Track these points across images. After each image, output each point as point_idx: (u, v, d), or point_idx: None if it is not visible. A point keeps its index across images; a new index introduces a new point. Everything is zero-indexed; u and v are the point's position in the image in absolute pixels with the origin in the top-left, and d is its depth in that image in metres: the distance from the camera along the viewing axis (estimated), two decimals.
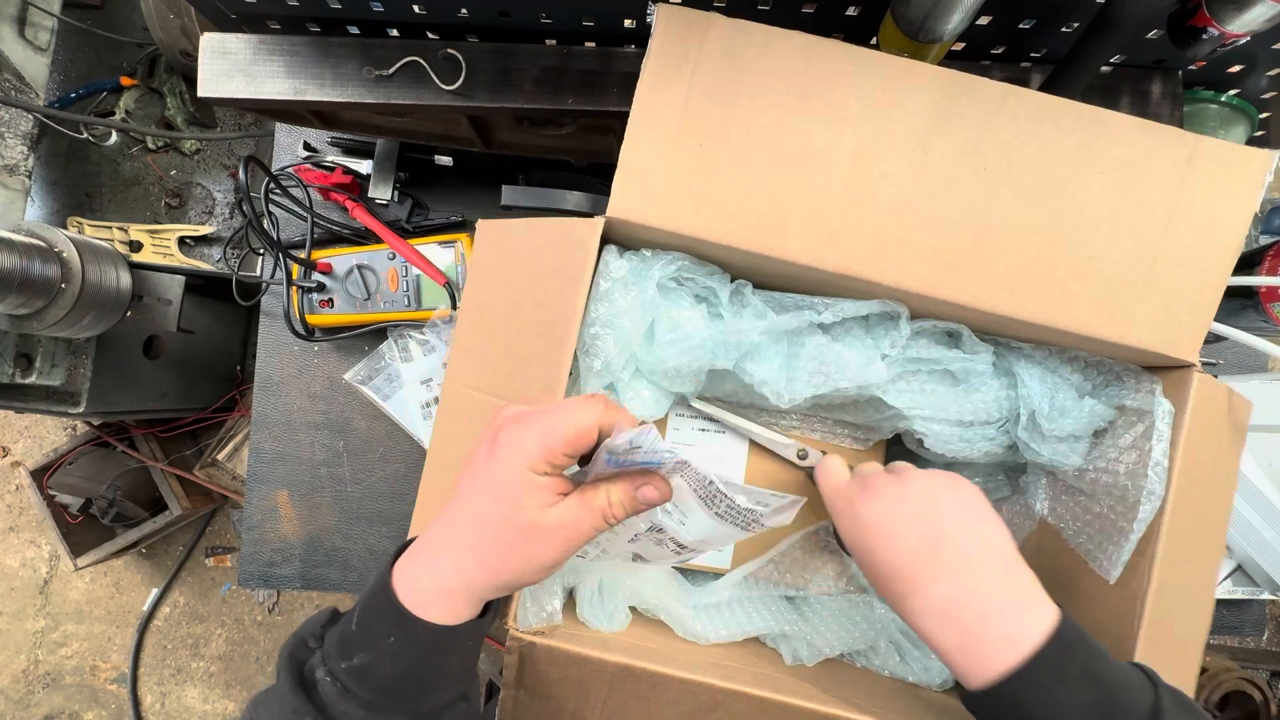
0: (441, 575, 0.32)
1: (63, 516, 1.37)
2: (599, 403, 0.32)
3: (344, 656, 0.32)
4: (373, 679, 0.31)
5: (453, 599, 0.32)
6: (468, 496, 0.32)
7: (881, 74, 0.39)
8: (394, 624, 0.31)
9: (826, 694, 0.41)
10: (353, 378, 0.74)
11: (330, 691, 0.31)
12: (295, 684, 0.32)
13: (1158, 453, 0.40)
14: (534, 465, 0.31)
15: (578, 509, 0.32)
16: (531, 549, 0.31)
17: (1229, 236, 0.40)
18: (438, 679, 0.33)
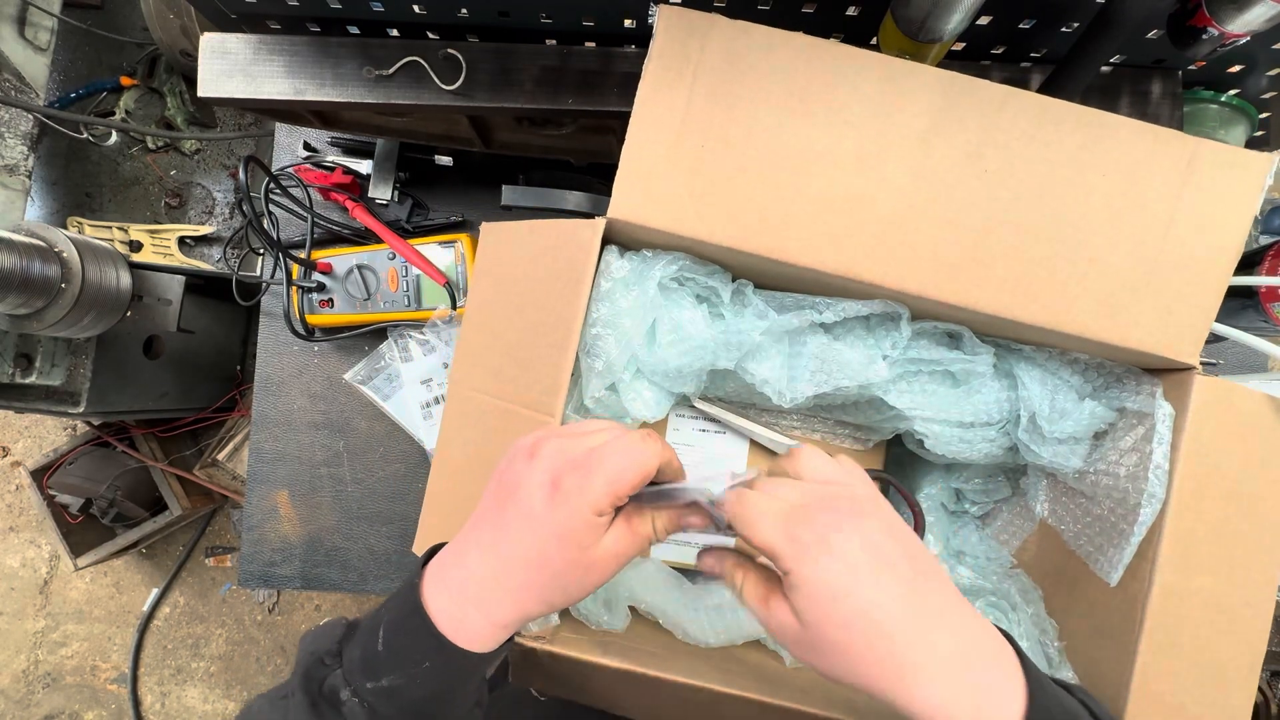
0: (496, 612, 0.32)
1: (63, 516, 1.37)
2: (657, 443, 0.32)
3: (370, 677, 0.31)
4: (402, 701, 0.31)
5: (505, 631, 0.32)
6: (523, 537, 0.31)
7: (883, 75, 0.39)
8: (432, 651, 0.31)
9: (828, 697, 0.41)
10: (353, 378, 0.74)
11: (357, 712, 0.31)
12: (312, 704, 0.31)
13: (1158, 456, 0.40)
14: (600, 510, 0.31)
15: (627, 537, 0.32)
16: (589, 580, 0.32)
17: (1230, 239, 0.40)
18: (464, 694, 0.33)
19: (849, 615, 0.28)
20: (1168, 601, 0.39)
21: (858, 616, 0.28)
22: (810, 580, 0.28)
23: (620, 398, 0.46)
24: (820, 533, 0.29)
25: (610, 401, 0.46)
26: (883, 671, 0.28)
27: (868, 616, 0.28)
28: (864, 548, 0.29)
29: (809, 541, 0.29)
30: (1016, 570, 0.52)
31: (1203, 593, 0.40)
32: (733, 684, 0.39)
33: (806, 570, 0.28)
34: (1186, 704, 0.39)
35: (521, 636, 0.40)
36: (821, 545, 0.29)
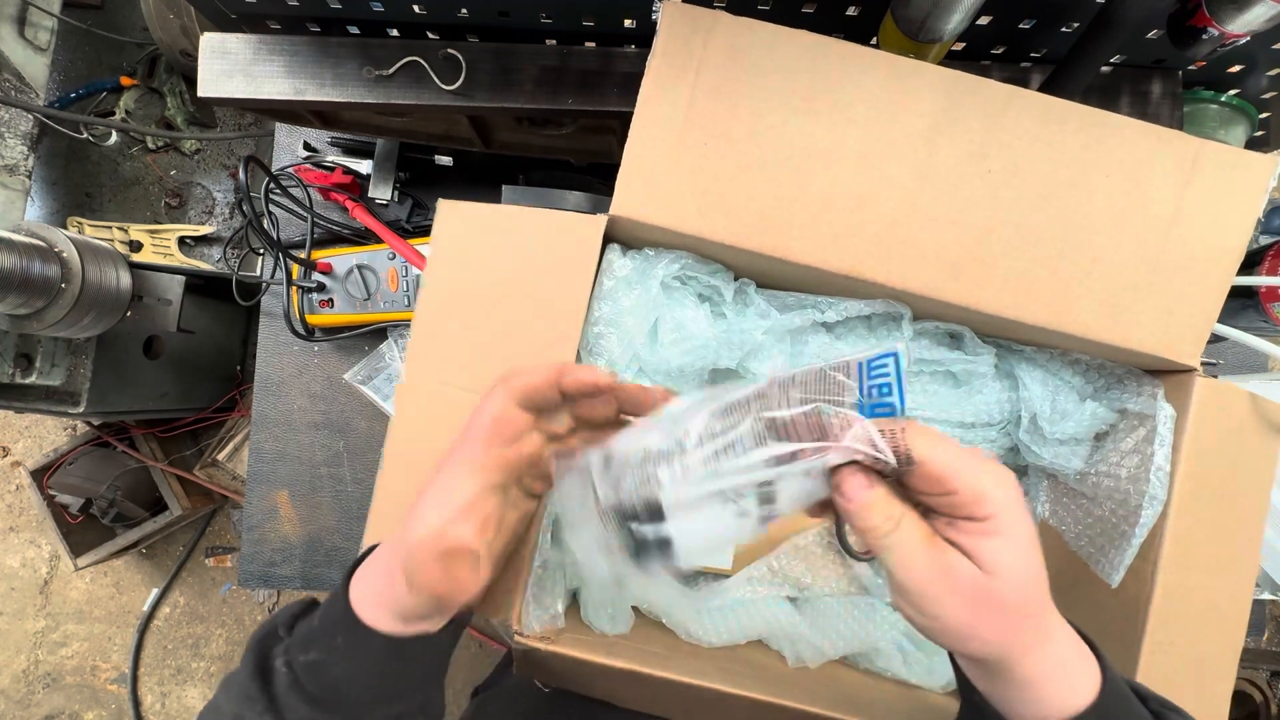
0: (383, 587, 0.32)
1: (63, 516, 1.36)
2: None
3: (303, 650, 0.32)
4: (323, 677, 0.32)
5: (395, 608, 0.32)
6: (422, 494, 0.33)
7: (886, 74, 0.39)
8: (343, 626, 0.32)
9: (830, 697, 0.41)
10: (353, 378, 0.74)
11: (283, 682, 0.32)
12: (255, 670, 0.32)
13: (1160, 457, 0.40)
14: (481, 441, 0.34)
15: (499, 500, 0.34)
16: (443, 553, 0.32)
17: (1232, 241, 0.40)
18: (390, 688, 0.33)
19: (1033, 574, 0.28)
20: (1168, 601, 0.39)
21: (1036, 574, 0.28)
22: (1014, 532, 0.27)
23: None
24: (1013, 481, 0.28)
25: None
26: (1027, 635, 0.28)
27: (1040, 575, 0.28)
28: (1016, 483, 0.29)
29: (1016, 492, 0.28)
30: None
31: (1198, 591, 0.40)
32: (736, 684, 0.39)
33: (1017, 521, 0.27)
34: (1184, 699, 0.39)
35: (524, 637, 0.40)
36: (1019, 494, 0.28)
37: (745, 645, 0.48)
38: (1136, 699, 0.31)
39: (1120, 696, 0.30)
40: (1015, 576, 0.27)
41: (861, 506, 0.28)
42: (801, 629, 0.48)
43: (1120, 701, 0.30)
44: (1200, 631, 0.40)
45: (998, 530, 0.27)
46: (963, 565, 0.27)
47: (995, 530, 0.27)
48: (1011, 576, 0.27)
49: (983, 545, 0.27)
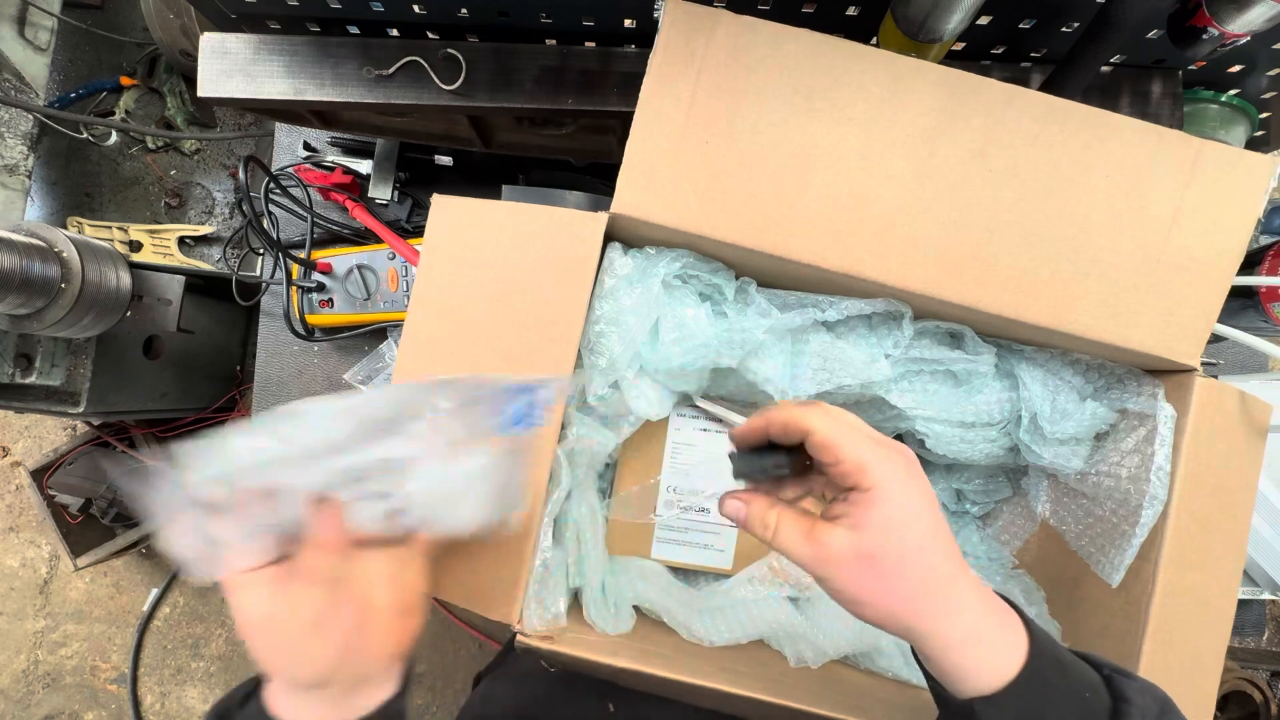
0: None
1: (63, 516, 1.36)
2: None
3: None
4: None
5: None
6: None
7: (888, 74, 0.39)
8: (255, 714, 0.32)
9: (831, 697, 0.41)
10: (353, 378, 0.74)
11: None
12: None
13: (1160, 457, 0.40)
14: None
15: None
16: None
17: (1232, 242, 0.40)
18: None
19: (918, 541, 0.29)
20: (1168, 600, 0.40)
21: (924, 543, 0.30)
22: (894, 498, 0.29)
23: (623, 395, 0.46)
24: (904, 458, 0.31)
25: (613, 399, 0.46)
26: (930, 601, 0.30)
27: (931, 545, 0.30)
28: (928, 485, 0.31)
29: (898, 463, 0.30)
30: (1019, 571, 0.52)
31: (1193, 589, 0.40)
32: (738, 684, 0.39)
33: (894, 489, 0.29)
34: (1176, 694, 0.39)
35: (525, 636, 0.40)
36: (908, 469, 0.30)
37: (747, 645, 0.48)
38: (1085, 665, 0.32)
39: (1054, 664, 0.30)
40: (897, 544, 0.29)
41: (743, 522, 0.33)
42: (803, 628, 0.48)
43: (1054, 669, 0.30)
44: (1196, 629, 0.40)
45: (878, 500, 0.29)
46: (840, 541, 0.30)
47: (876, 500, 0.29)
48: (892, 544, 0.29)
49: (865, 516, 0.29)
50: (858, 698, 0.42)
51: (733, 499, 0.34)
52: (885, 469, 0.30)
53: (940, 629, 0.30)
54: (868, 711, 0.39)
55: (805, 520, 0.32)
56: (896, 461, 0.30)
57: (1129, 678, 0.32)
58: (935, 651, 0.30)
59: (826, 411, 0.31)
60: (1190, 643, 0.40)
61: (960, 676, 0.30)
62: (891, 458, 0.30)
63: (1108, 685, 0.31)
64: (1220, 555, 0.41)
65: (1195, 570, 0.40)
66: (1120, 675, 0.32)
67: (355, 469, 0.31)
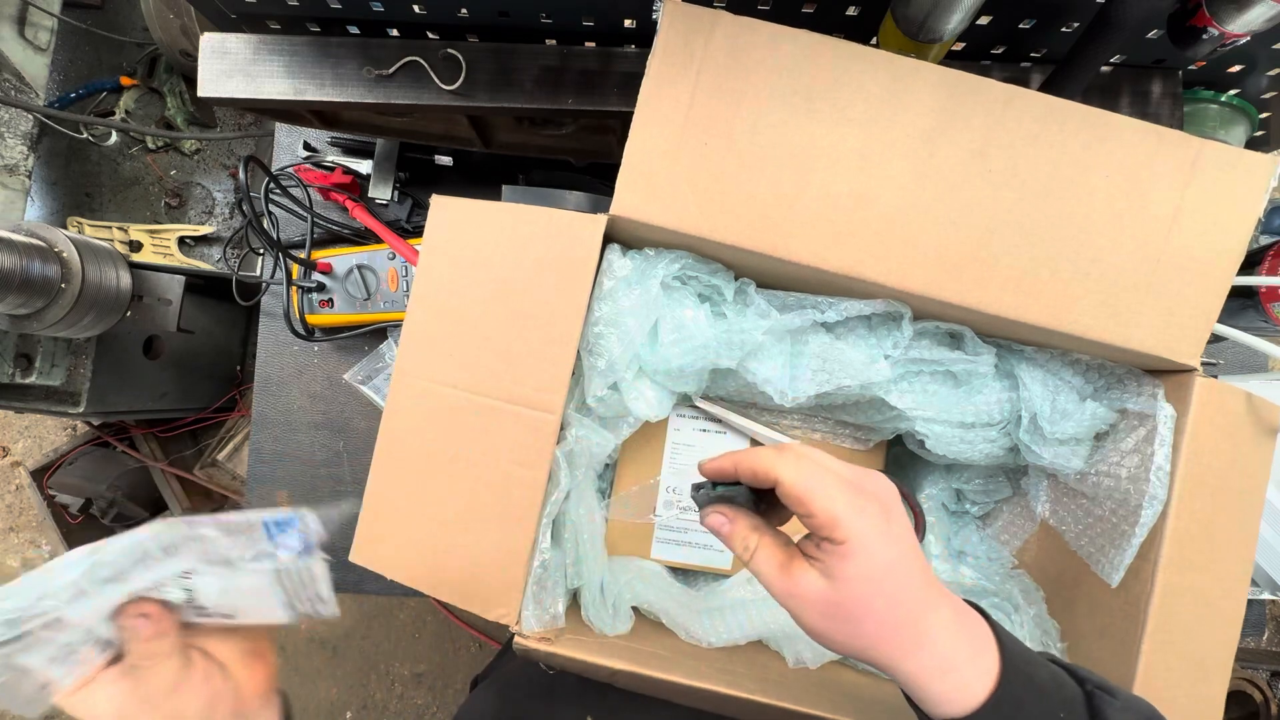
0: None
1: (63, 516, 1.36)
2: None
3: None
4: None
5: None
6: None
7: (887, 74, 0.39)
8: None
9: (829, 698, 0.41)
10: (353, 378, 0.74)
11: None
12: None
13: (1160, 457, 0.40)
14: None
15: None
16: None
17: (1232, 242, 0.40)
18: None
19: (891, 592, 0.30)
20: (1167, 600, 0.40)
21: (896, 593, 0.30)
22: (866, 553, 0.29)
23: (622, 396, 0.46)
24: (880, 506, 0.31)
25: (612, 400, 0.46)
26: (898, 642, 0.30)
27: (903, 594, 0.30)
28: (905, 527, 0.31)
29: (874, 515, 0.30)
30: (1018, 571, 0.52)
31: (1195, 590, 0.40)
32: (736, 685, 0.39)
33: (867, 544, 0.29)
34: (1178, 697, 0.39)
35: (524, 637, 0.40)
36: (885, 520, 0.30)
37: (745, 646, 0.48)
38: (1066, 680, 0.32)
39: (1027, 685, 0.31)
40: (864, 596, 0.30)
41: (725, 538, 0.34)
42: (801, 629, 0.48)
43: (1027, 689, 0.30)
44: (1198, 630, 0.40)
45: (850, 554, 0.29)
46: (812, 585, 0.30)
47: (848, 554, 0.29)
48: (860, 597, 0.30)
49: (838, 568, 0.30)
50: (856, 699, 0.42)
51: (717, 513, 0.34)
52: (860, 524, 0.29)
53: (909, 665, 0.30)
54: (866, 713, 0.39)
55: (783, 552, 0.32)
56: (872, 513, 0.30)
57: (1112, 695, 0.32)
58: (906, 682, 0.31)
59: (798, 458, 0.31)
60: (1192, 644, 0.40)
61: (934, 703, 0.30)
62: (867, 509, 0.30)
63: (1088, 702, 0.31)
64: (1224, 556, 0.41)
65: (1196, 571, 0.40)
66: (1103, 692, 0.32)
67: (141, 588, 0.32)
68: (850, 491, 0.30)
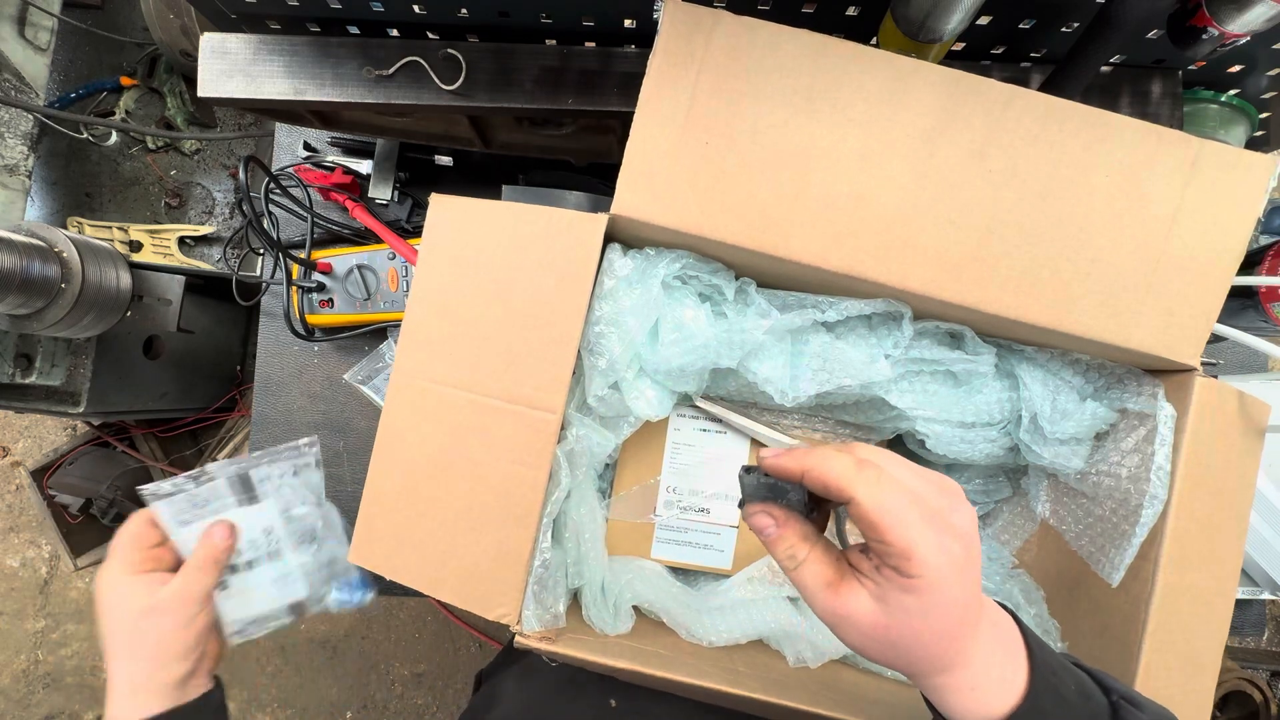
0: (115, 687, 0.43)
1: (63, 516, 1.36)
2: None
3: None
4: None
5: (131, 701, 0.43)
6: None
7: (888, 74, 0.39)
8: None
9: (830, 697, 0.41)
10: (353, 378, 0.74)
11: None
12: None
13: (1160, 456, 0.40)
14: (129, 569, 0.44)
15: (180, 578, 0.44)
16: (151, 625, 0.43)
17: (1231, 241, 0.40)
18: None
19: (948, 625, 0.28)
20: (1167, 600, 0.40)
21: (954, 625, 0.28)
22: (936, 593, 0.27)
23: (623, 396, 0.46)
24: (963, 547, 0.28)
25: (613, 400, 0.46)
26: (936, 664, 0.29)
27: (960, 625, 0.28)
28: (978, 563, 0.29)
29: (955, 556, 0.27)
30: (1018, 571, 0.52)
31: (1193, 589, 0.40)
32: (737, 684, 0.39)
33: (941, 585, 0.27)
34: (1175, 695, 0.39)
35: (524, 636, 0.40)
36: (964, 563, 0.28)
37: (746, 645, 0.48)
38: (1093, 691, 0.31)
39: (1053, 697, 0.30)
40: (918, 630, 0.28)
41: (769, 543, 0.31)
42: (802, 629, 0.48)
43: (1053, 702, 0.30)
44: (1196, 629, 0.40)
45: (917, 591, 0.27)
46: (862, 606, 0.28)
47: (915, 590, 0.27)
48: (913, 629, 0.28)
49: (895, 597, 0.28)
50: (857, 698, 0.42)
51: (765, 514, 0.32)
52: (938, 563, 0.27)
53: (938, 681, 0.29)
54: (867, 711, 0.39)
55: (833, 569, 0.30)
56: (954, 554, 0.27)
57: (1137, 706, 0.31)
58: (932, 694, 0.30)
59: (879, 478, 0.28)
60: (1190, 643, 0.40)
61: (960, 715, 0.30)
62: (949, 550, 0.27)
63: (1113, 714, 0.31)
64: (1220, 555, 0.41)
65: (1195, 570, 0.40)
66: (1128, 704, 0.31)
67: None
68: (934, 527, 0.27)
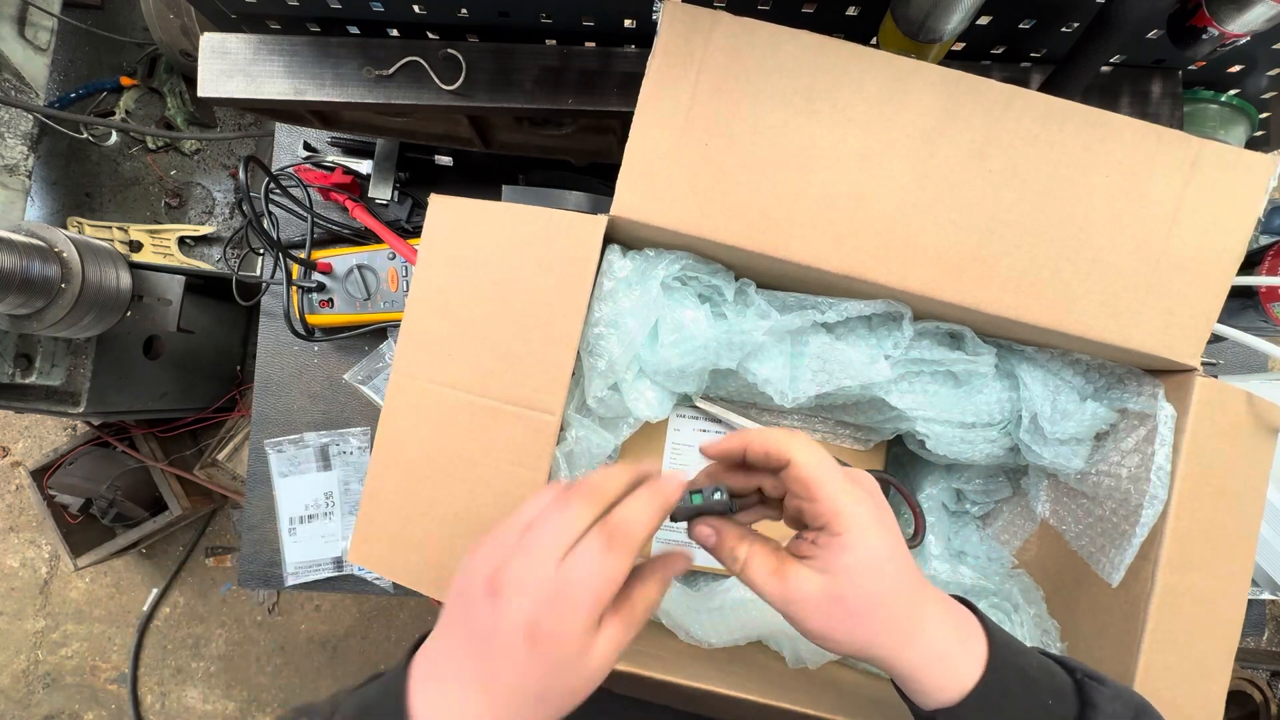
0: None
1: (63, 516, 1.36)
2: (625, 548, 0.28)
3: None
4: None
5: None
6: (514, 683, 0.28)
7: (887, 74, 0.39)
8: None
9: (829, 698, 0.41)
10: (353, 378, 0.74)
11: None
12: None
13: (1160, 457, 0.40)
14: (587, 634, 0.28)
15: (620, 631, 0.30)
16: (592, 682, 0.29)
17: (1231, 241, 0.40)
18: None
19: (886, 584, 0.30)
20: (1166, 600, 0.40)
21: (891, 584, 0.30)
22: (865, 546, 0.30)
23: (623, 397, 0.46)
24: (873, 500, 0.31)
25: (612, 401, 0.46)
26: (898, 632, 0.31)
27: (897, 584, 0.31)
28: (894, 519, 0.32)
29: (869, 507, 0.31)
30: (1018, 571, 0.52)
31: (1195, 590, 0.40)
32: (736, 685, 0.39)
33: (866, 536, 0.30)
34: (1178, 697, 0.39)
35: None
36: (878, 511, 0.31)
37: (745, 646, 0.48)
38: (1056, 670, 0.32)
39: (1015, 672, 0.31)
40: (864, 588, 0.30)
41: (713, 550, 0.33)
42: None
43: (1015, 677, 0.31)
44: (1199, 630, 0.40)
45: (849, 546, 0.30)
46: (809, 584, 0.30)
47: (846, 546, 0.30)
48: (862, 588, 0.30)
49: (836, 560, 0.30)
50: (855, 699, 0.42)
51: (704, 525, 0.34)
52: (858, 513, 0.30)
53: (903, 656, 0.31)
54: (866, 713, 0.39)
55: (774, 557, 0.32)
56: (867, 505, 0.31)
57: (1102, 683, 0.32)
58: (899, 674, 0.31)
59: (807, 442, 0.32)
60: (1193, 644, 0.40)
61: (924, 692, 0.31)
62: (863, 500, 0.31)
63: (1078, 691, 0.32)
64: (1224, 556, 0.41)
65: (1197, 571, 0.40)
66: (1093, 680, 0.32)
67: None
68: (849, 483, 0.31)
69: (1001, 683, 0.31)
